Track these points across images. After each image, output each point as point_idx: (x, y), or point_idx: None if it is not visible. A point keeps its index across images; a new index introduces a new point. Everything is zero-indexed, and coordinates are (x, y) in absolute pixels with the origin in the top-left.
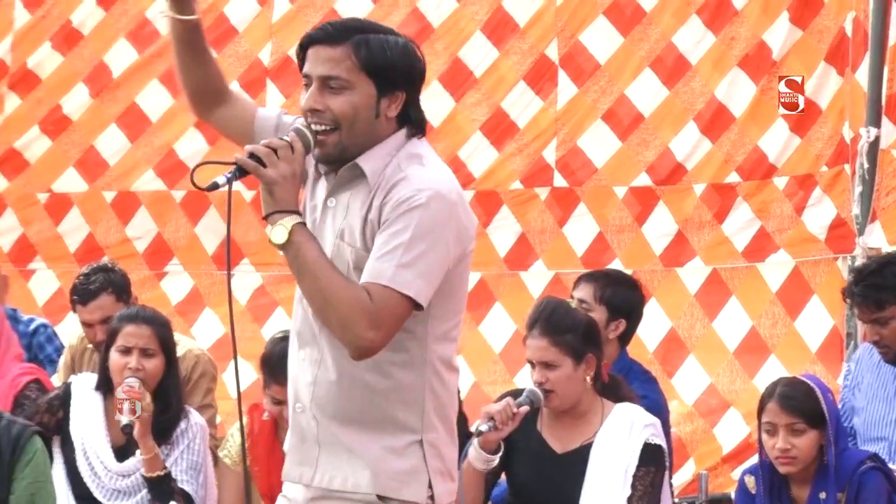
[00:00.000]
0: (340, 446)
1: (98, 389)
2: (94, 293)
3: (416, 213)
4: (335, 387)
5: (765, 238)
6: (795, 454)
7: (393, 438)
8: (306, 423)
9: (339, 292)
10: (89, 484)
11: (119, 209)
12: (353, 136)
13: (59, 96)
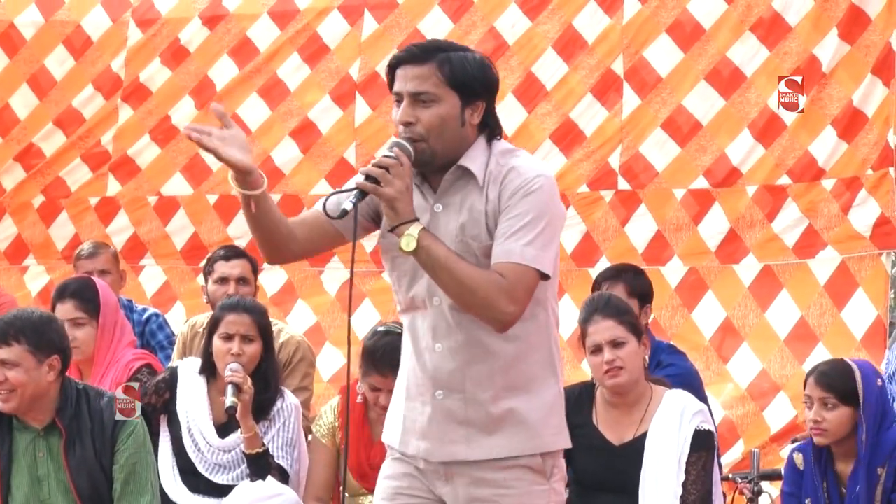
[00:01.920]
0: (498, 417)
1: (202, 373)
2: (238, 254)
3: (532, 196)
4: (483, 365)
5: (813, 235)
6: (826, 427)
7: (540, 397)
8: (453, 406)
9: (475, 278)
10: (193, 459)
11: (221, 211)
12: (443, 143)
13: (167, 108)
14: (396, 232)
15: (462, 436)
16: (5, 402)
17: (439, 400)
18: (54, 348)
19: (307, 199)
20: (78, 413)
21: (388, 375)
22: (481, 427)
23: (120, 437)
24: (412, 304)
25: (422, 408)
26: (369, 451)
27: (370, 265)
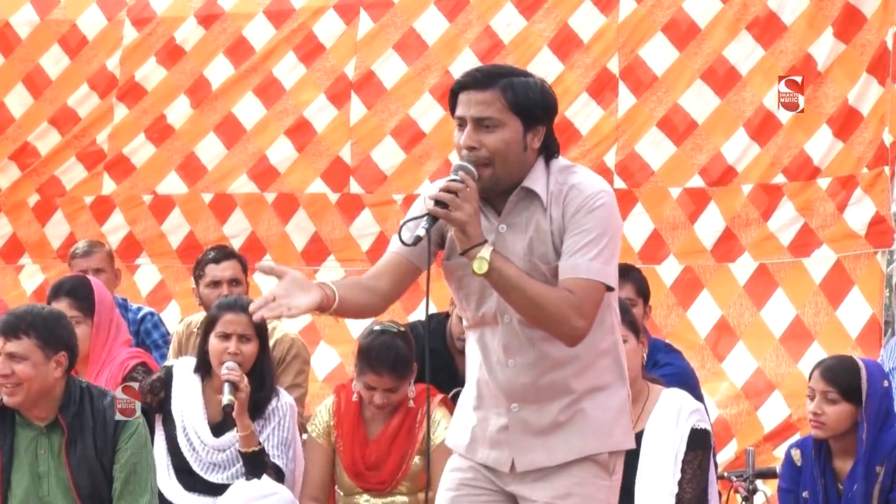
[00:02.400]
0: (570, 419)
1: (196, 372)
2: (228, 256)
3: (596, 212)
4: (556, 376)
5: (808, 234)
6: (824, 420)
7: (610, 399)
8: (529, 417)
9: (546, 297)
10: (188, 458)
11: (216, 210)
12: (506, 167)
13: (163, 107)
14: (468, 255)
15: (539, 444)
16: (11, 396)
17: (515, 412)
18: (63, 345)
19: (303, 198)
20: (81, 411)
21: (384, 374)
22: (556, 432)
23: (122, 437)
24: (482, 320)
25: (496, 419)
26: (364, 451)
27: (366, 264)
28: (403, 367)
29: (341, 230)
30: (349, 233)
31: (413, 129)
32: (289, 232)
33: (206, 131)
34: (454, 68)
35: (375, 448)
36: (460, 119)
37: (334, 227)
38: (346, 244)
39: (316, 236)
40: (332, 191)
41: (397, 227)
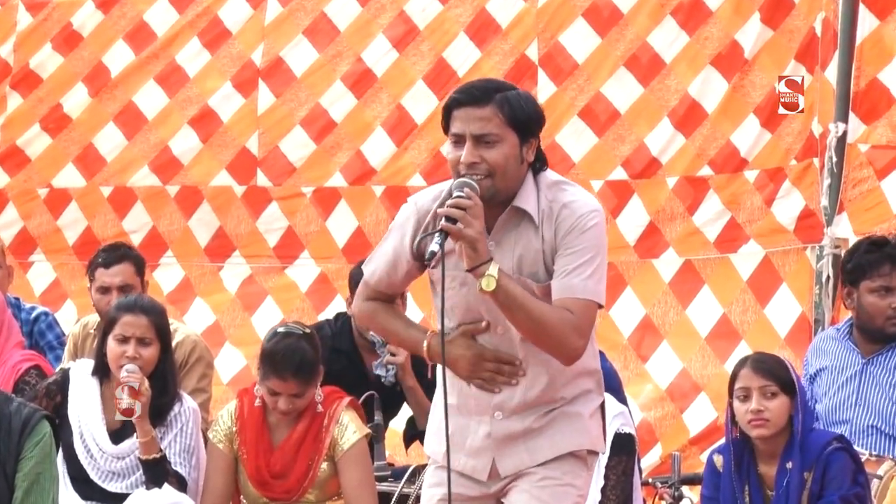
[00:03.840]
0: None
1: (94, 375)
2: (119, 259)
3: (589, 233)
4: (543, 387)
5: (736, 229)
6: (768, 416)
7: (590, 404)
8: (512, 425)
9: (549, 317)
10: (85, 466)
11: (116, 204)
12: (505, 181)
13: (59, 95)
14: (476, 272)
15: (522, 447)
16: None
17: (498, 420)
18: None
19: (207, 191)
20: None
21: (288, 379)
22: (538, 435)
23: (27, 445)
24: None
25: (477, 426)
26: (269, 458)
27: (273, 261)
28: (309, 371)
29: (247, 224)
30: (256, 227)
31: (324, 119)
32: (192, 226)
33: (105, 121)
34: (367, 55)
35: (281, 455)
36: (457, 136)
37: (240, 222)
38: (253, 239)
39: (220, 231)
40: (238, 183)
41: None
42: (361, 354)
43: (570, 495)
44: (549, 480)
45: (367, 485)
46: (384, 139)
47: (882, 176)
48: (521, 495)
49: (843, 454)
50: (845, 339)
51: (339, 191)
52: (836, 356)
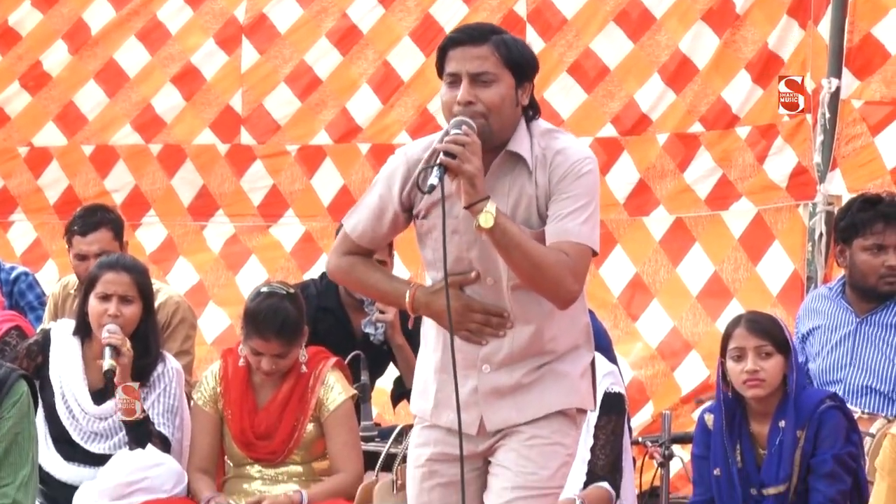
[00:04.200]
0: (540, 378)
1: (76, 334)
2: (96, 226)
3: (583, 179)
4: (531, 340)
5: (727, 186)
6: (764, 376)
7: (580, 360)
8: (499, 379)
9: (546, 257)
10: (67, 426)
11: (97, 163)
12: (500, 123)
13: (38, 53)
14: (474, 209)
15: (510, 403)
16: None
17: (486, 374)
18: None
19: (190, 149)
20: None
21: (271, 340)
22: (526, 391)
23: (4, 405)
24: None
25: (463, 381)
26: (253, 419)
27: (258, 219)
28: (292, 331)
29: (231, 183)
30: (239, 186)
31: (308, 76)
32: (175, 185)
33: (85, 79)
34: (352, 11)
35: (265, 416)
36: (453, 75)
37: (224, 180)
38: (236, 198)
39: (204, 190)
40: (222, 142)
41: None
42: (348, 313)
43: (559, 454)
44: (537, 439)
45: (353, 446)
46: (370, 96)
47: (876, 132)
48: (509, 454)
49: (836, 412)
50: (838, 298)
51: (325, 149)
52: (829, 315)
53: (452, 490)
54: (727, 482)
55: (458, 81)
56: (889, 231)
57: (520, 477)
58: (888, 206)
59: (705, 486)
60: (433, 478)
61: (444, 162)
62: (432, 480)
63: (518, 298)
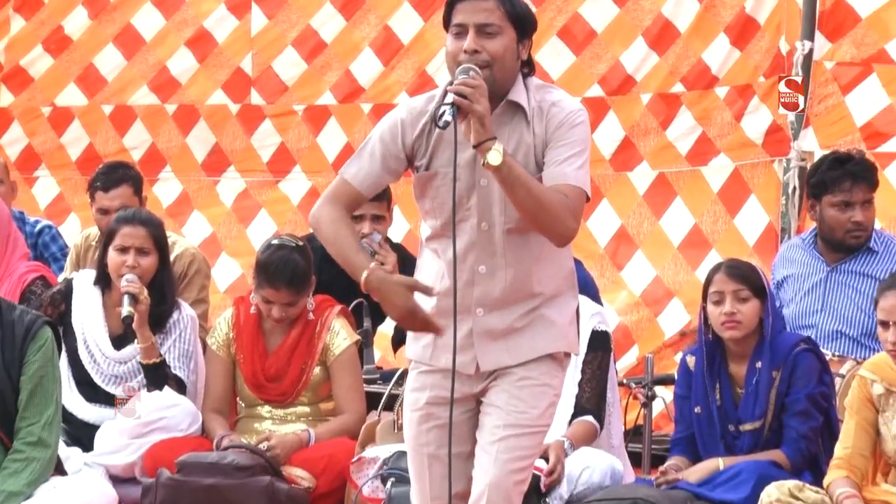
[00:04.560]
0: (531, 323)
1: (96, 284)
2: (117, 182)
3: (578, 128)
4: (522, 283)
5: (706, 143)
6: (740, 318)
7: (567, 306)
8: (493, 321)
9: (547, 196)
10: (89, 370)
11: (116, 121)
12: (502, 73)
13: (60, 18)
14: (483, 147)
15: (502, 346)
16: None
17: (480, 317)
18: None
19: (203, 109)
20: None
21: (281, 289)
22: (518, 334)
23: (30, 350)
24: (449, 232)
25: (459, 325)
26: (264, 363)
27: (267, 175)
28: (301, 281)
29: (242, 141)
30: (250, 143)
31: (314, 40)
32: (189, 143)
33: (104, 42)
34: None
35: (275, 360)
36: (460, 26)
37: (235, 138)
38: (247, 155)
39: (216, 147)
40: (233, 102)
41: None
42: None
43: (547, 395)
44: (527, 380)
45: (356, 388)
46: (372, 59)
47: (846, 91)
48: (501, 394)
49: (809, 355)
50: (810, 248)
51: (329, 108)
52: (802, 264)
53: (447, 431)
54: (707, 419)
55: (465, 32)
56: (856, 189)
57: (511, 416)
58: (855, 166)
59: (686, 423)
60: (430, 420)
61: (457, 101)
62: (429, 423)
63: (510, 243)
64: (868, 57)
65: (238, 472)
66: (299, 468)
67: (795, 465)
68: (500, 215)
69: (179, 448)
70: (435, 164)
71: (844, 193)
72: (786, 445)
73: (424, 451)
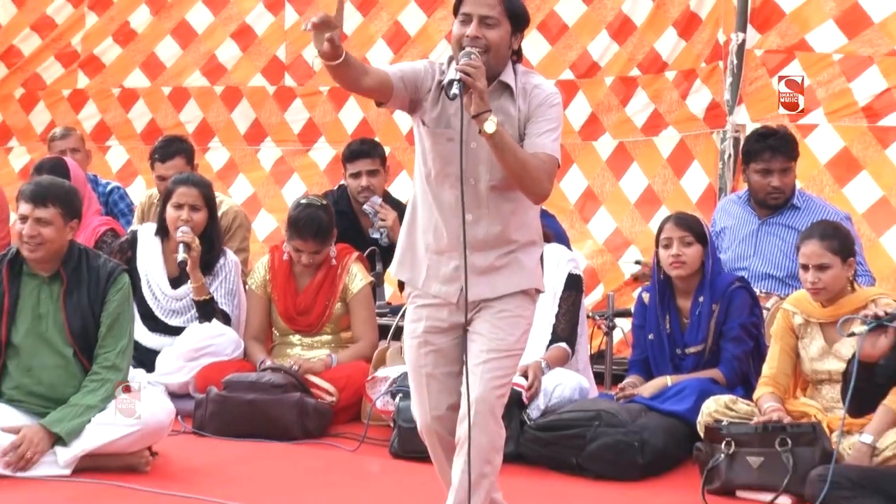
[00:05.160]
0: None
1: (157, 234)
2: (172, 154)
3: (555, 108)
4: (500, 230)
5: (658, 118)
6: (685, 259)
7: (534, 251)
8: (477, 260)
9: (530, 160)
10: (151, 306)
11: (174, 101)
12: (496, 59)
13: (127, 14)
14: (480, 118)
15: (484, 281)
16: (32, 252)
17: (468, 255)
18: (76, 214)
19: (246, 90)
20: (78, 268)
21: (308, 240)
22: (497, 273)
23: (110, 291)
24: (444, 180)
25: (448, 261)
26: (294, 300)
27: (298, 144)
28: (325, 234)
29: (277, 116)
30: (284, 118)
31: None
32: (234, 118)
33: (163, 35)
34: None
35: (304, 298)
36: (466, 15)
37: (271, 114)
38: (281, 128)
39: (256, 122)
40: (270, 84)
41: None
42: (358, 217)
43: (521, 324)
44: (505, 312)
45: (370, 320)
46: (384, 48)
47: (772, 74)
48: (484, 324)
49: (743, 291)
50: (744, 205)
51: None
52: (738, 217)
53: (441, 355)
54: (658, 345)
55: (469, 21)
56: (774, 159)
57: (492, 342)
58: (776, 140)
59: (641, 348)
60: (427, 346)
61: (463, 78)
62: (427, 348)
63: (493, 197)
64: (791, 45)
65: (273, 389)
66: (326, 384)
67: (730, 381)
68: (486, 173)
69: (225, 369)
70: (440, 125)
71: (765, 163)
72: (722, 365)
73: (423, 371)
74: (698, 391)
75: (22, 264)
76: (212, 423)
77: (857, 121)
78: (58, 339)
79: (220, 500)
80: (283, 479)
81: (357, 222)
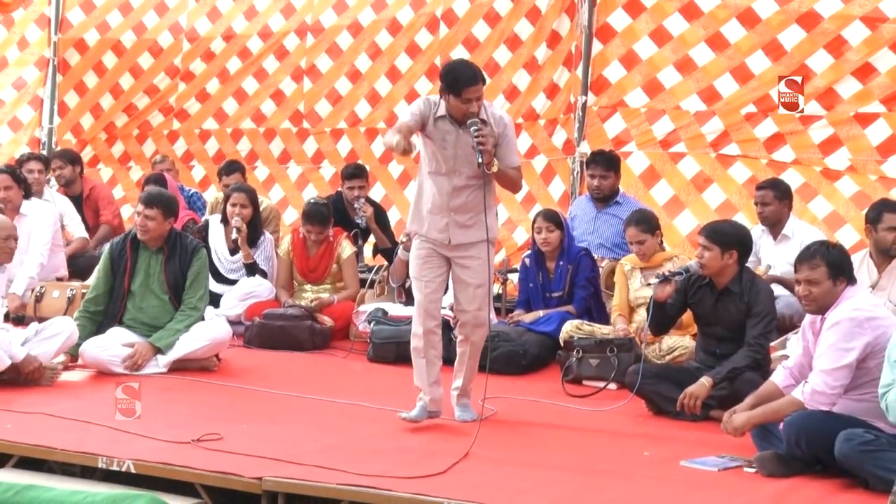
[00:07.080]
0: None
1: (221, 222)
2: (232, 171)
3: (512, 129)
4: (476, 201)
5: (534, 149)
6: (550, 240)
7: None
8: (459, 219)
9: (514, 176)
10: (217, 266)
11: (233, 137)
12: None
13: (203, 83)
14: (490, 164)
15: (462, 232)
16: (143, 236)
17: (452, 216)
18: (173, 213)
19: (279, 131)
20: (174, 244)
21: (315, 225)
22: (471, 227)
23: (193, 259)
24: (442, 171)
25: (441, 218)
26: (307, 263)
27: (311, 164)
28: (325, 222)
29: (298, 147)
30: (302, 148)
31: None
32: (271, 148)
33: (226, 97)
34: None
35: (314, 261)
36: (468, 99)
37: (294, 145)
38: (301, 154)
39: (285, 150)
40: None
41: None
42: (348, 211)
43: (485, 266)
44: (474, 258)
45: (355, 276)
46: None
47: (604, 121)
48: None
49: (587, 257)
50: (589, 202)
51: (343, 130)
52: (584, 209)
53: (432, 267)
54: (535, 290)
55: (471, 101)
56: (596, 169)
57: (475, 278)
58: (600, 157)
59: (524, 292)
60: (426, 263)
61: (481, 149)
62: (425, 266)
63: (471, 184)
64: (615, 103)
65: (294, 319)
66: (326, 316)
67: (580, 312)
68: (469, 170)
69: (264, 306)
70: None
71: (592, 170)
72: (575, 303)
73: (423, 278)
74: (560, 319)
75: (139, 242)
76: (255, 340)
77: (656, 148)
78: (159, 289)
79: (261, 387)
80: (301, 375)
81: (347, 214)
